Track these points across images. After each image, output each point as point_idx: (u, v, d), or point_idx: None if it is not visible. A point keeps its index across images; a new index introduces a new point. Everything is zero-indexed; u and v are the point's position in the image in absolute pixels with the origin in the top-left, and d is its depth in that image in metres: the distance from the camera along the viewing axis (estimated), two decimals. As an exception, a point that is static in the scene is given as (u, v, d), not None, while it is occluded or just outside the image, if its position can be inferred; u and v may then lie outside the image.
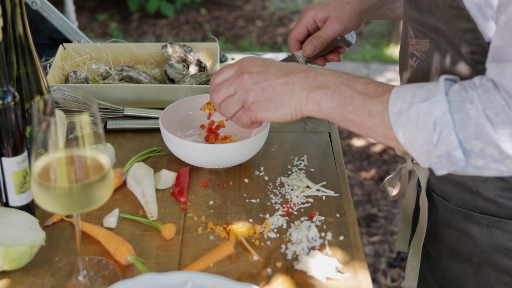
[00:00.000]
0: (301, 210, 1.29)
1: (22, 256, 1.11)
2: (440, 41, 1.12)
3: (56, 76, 1.67)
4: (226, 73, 1.21)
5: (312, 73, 1.12)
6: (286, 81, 1.13)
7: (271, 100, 1.14)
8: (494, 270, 1.20)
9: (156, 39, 5.20)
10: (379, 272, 2.90)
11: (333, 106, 1.08)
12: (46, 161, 0.99)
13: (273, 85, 1.14)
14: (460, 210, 1.22)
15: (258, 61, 1.17)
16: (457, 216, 1.23)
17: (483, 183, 1.16)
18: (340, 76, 1.10)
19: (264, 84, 1.15)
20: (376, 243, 3.08)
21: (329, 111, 1.09)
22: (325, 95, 1.09)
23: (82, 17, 5.51)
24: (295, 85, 1.12)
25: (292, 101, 1.13)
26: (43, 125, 0.98)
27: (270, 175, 1.39)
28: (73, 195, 0.98)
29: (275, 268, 1.14)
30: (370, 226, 3.19)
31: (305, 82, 1.12)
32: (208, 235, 1.22)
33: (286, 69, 1.15)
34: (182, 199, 1.30)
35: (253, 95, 1.15)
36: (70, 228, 1.23)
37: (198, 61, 1.75)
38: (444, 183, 1.24)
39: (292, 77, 1.13)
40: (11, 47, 1.19)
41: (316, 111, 1.11)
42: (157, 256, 1.17)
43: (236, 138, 1.49)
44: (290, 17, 5.68)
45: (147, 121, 1.55)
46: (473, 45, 1.06)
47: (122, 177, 1.34)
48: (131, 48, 1.81)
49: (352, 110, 1.06)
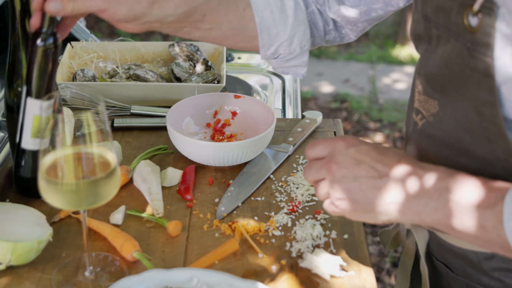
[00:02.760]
0: (306, 208, 1.29)
1: (29, 252, 1.11)
2: (452, 108, 0.96)
3: (64, 74, 1.68)
4: (318, 150, 1.01)
5: (412, 175, 0.92)
6: (378, 185, 0.93)
7: (359, 203, 0.95)
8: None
9: (163, 38, 5.21)
10: (383, 272, 2.90)
11: (439, 219, 0.89)
12: (54, 157, 1.00)
13: (362, 187, 0.94)
14: (463, 280, 1.09)
15: (351, 151, 0.96)
16: (459, 284, 1.10)
17: (487, 260, 1.03)
18: (444, 180, 0.89)
19: (351, 183, 0.94)
20: (380, 243, 3.07)
21: (434, 223, 0.90)
22: (426, 206, 0.90)
23: (90, 16, 5.51)
24: (388, 192, 0.93)
25: (382, 208, 0.93)
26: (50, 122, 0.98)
27: (275, 173, 1.39)
28: (80, 191, 0.99)
29: (279, 265, 1.14)
30: (374, 226, 3.18)
31: (398, 195, 0.92)
32: (213, 232, 1.22)
33: (382, 167, 0.94)
34: (188, 196, 1.30)
35: (339, 192, 0.96)
36: (77, 224, 1.24)
37: (204, 60, 1.75)
38: (444, 251, 1.11)
39: (386, 181, 0.93)
40: (20, 44, 1.20)
41: (416, 221, 0.92)
42: (163, 253, 1.17)
43: (241, 137, 1.49)
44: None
45: (153, 119, 1.55)
46: (487, 121, 0.90)
47: (129, 174, 1.34)
48: (138, 47, 1.81)
49: (461, 223, 0.87)
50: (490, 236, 0.85)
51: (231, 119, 1.53)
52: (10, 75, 1.22)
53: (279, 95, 1.89)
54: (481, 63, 0.87)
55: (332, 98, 4.47)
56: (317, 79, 4.73)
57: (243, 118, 1.52)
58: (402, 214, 0.92)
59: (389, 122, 4.13)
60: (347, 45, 5.22)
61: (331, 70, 4.89)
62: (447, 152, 0.99)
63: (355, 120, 4.16)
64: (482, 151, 0.93)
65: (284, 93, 1.90)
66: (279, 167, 1.41)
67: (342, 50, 5.18)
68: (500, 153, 0.91)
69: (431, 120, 1.01)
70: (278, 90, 1.91)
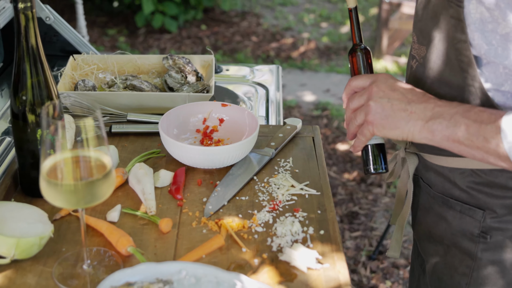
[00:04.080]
0: (286, 207, 1.29)
1: (32, 247, 1.11)
2: (434, 48, 1.15)
3: (67, 84, 1.67)
4: (362, 80, 1.18)
5: (431, 104, 1.09)
6: (406, 108, 1.10)
7: (387, 120, 1.11)
8: (460, 253, 1.24)
9: (160, 52, 5.20)
10: (360, 264, 2.90)
11: (448, 135, 1.06)
12: (54, 161, 0.99)
13: (393, 107, 1.11)
14: (439, 196, 1.26)
15: (390, 81, 1.14)
16: (437, 201, 1.27)
17: (459, 175, 1.21)
18: (455, 107, 1.07)
19: (385, 102, 1.12)
20: (357, 238, 3.08)
21: (444, 139, 1.07)
22: (440, 124, 1.06)
23: (94, 31, 5.51)
24: (412, 114, 1.10)
25: (406, 127, 1.10)
26: (51, 128, 0.98)
27: (258, 175, 1.40)
28: (78, 191, 0.98)
29: (261, 259, 1.14)
30: (352, 223, 3.19)
31: (422, 113, 1.09)
32: (201, 229, 1.22)
33: (410, 97, 1.11)
34: (178, 196, 1.30)
35: (374, 108, 1.12)
36: (76, 221, 1.23)
37: (195, 72, 1.75)
38: (430, 171, 1.28)
39: (412, 106, 1.10)
40: (24, 57, 1.19)
41: (429, 138, 1.09)
42: (155, 248, 1.17)
43: (228, 142, 1.49)
44: (282, 33, 5.68)
45: (148, 126, 1.55)
46: (461, 55, 1.10)
47: (125, 176, 1.34)
48: (134, 59, 1.81)
49: (467, 137, 1.04)
50: (490, 146, 1.02)
51: (219, 125, 1.53)
52: (15, 85, 1.22)
53: (263, 103, 1.89)
54: (456, 11, 1.08)
55: (314, 106, 4.47)
56: (300, 89, 4.73)
57: (230, 125, 1.52)
58: (418, 133, 1.09)
59: (366, 128, 4.14)
60: (328, 58, 5.24)
61: (313, 81, 4.89)
62: (432, 85, 1.19)
63: (335, 127, 4.17)
64: (457, 80, 1.13)
65: (267, 102, 1.90)
66: (262, 169, 1.42)
67: (324, 63, 5.19)
68: (469, 79, 1.11)
69: (421, 62, 1.21)
70: (262, 99, 1.91)
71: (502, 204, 1.17)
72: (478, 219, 1.20)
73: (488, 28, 1.06)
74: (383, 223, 3.17)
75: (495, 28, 1.05)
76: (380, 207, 3.30)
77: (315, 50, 5.34)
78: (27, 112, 1.22)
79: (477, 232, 1.20)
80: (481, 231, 1.20)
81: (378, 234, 3.09)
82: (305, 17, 5.99)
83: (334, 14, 6.02)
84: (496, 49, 1.07)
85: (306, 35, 5.62)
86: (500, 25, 1.04)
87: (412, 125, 1.10)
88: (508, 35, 1.04)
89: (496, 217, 1.18)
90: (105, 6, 5.86)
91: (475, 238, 1.21)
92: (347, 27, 5.69)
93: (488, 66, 1.10)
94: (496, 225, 1.18)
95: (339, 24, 5.83)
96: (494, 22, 1.05)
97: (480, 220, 1.19)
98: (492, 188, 1.17)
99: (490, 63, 1.10)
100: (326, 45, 5.42)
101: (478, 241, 1.21)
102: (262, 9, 6.22)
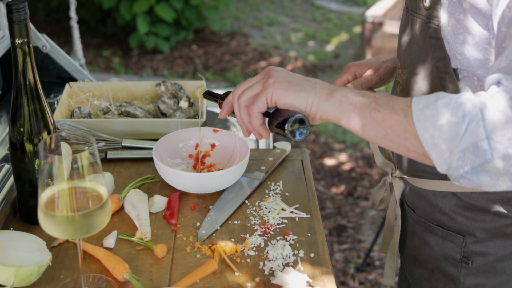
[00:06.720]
0: (277, 230, 1.28)
1: (31, 275, 1.10)
2: (416, 70, 1.15)
3: (63, 112, 1.66)
4: (252, 79, 1.10)
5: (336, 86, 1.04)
6: (309, 79, 1.04)
7: (291, 83, 1.03)
8: (443, 277, 1.23)
9: (153, 71, 5.19)
10: (348, 276, 2.89)
11: (355, 103, 0.98)
12: (51, 192, 0.99)
13: (296, 78, 1.05)
14: (422, 221, 1.25)
15: (284, 69, 1.08)
16: (420, 226, 1.26)
17: (442, 198, 1.19)
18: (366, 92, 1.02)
19: (288, 75, 1.05)
20: (345, 250, 3.07)
21: (351, 108, 0.98)
22: (349, 92, 1.00)
23: (89, 53, 5.49)
24: (316, 84, 1.03)
25: (312, 92, 1.02)
26: (48, 160, 0.97)
27: (250, 198, 1.39)
28: (75, 223, 0.98)
29: (254, 283, 1.14)
30: (340, 236, 3.18)
31: (327, 86, 1.03)
32: (195, 253, 1.21)
33: (311, 78, 1.05)
34: (172, 221, 1.29)
35: (275, 77, 1.04)
36: (74, 248, 1.22)
37: (187, 97, 1.75)
38: (413, 195, 1.27)
39: (315, 81, 1.04)
40: (22, 90, 1.19)
41: (335, 107, 1.00)
42: (150, 273, 1.16)
43: (220, 166, 1.49)
44: (270, 52, 5.69)
45: (142, 151, 1.54)
46: (442, 72, 1.09)
47: (120, 202, 1.33)
48: (128, 86, 1.81)
49: (375, 107, 0.96)
50: (397, 118, 0.94)
51: (211, 150, 1.52)
52: (13, 115, 1.21)
53: (253, 126, 1.88)
54: (434, 31, 1.08)
55: (302, 122, 4.47)
56: (288, 106, 4.73)
57: (221, 150, 1.51)
58: (324, 100, 1.01)
59: (352, 143, 4.14)
60: (314, 75, 5.24)
61: (300, 98, 4.90)
62: None
63: (322, 142, 4.17)
64: None
65: (257, 125, 1.89)
66: (253, 193, 1.41)
67: (310, 80, 5.20)
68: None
69: (404, 85, 1.20)
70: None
71: (482, 228, 1.16)
72: (459, 245, 1.19)
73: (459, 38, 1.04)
74: (370, 235, 3.17)
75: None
76: (367, 219, 3.30)
77: (302, 68, 5.36)
78: (25, 142, 1.21)
79: (459, 257, 1.20)
80: (463, 256, 1.19)
81: (366, 246, 3.08)
82: (292, 36, 6.02)
83: (320, 33, 6.04)
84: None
85: (293, 54, 5.63)
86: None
87: (318, 91, 1.02)
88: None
89: (477, 242, 1.17)
90: (99, 28, 5.85)
91: (457, 263, 1.20)
92: (332, 45, 5.72)
93: (464, 80, 1.08)
94: (478, 250, 1.18)
95: (324, 43, 5.85)
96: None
97: (461, 245, 1.19)
98: (473, 212, 1.16)
99: (465, 78, 1.08)
100: (312, 63, 5.44)
101: (460, 266, 1.20)
102: (251, 29, 6.24)
